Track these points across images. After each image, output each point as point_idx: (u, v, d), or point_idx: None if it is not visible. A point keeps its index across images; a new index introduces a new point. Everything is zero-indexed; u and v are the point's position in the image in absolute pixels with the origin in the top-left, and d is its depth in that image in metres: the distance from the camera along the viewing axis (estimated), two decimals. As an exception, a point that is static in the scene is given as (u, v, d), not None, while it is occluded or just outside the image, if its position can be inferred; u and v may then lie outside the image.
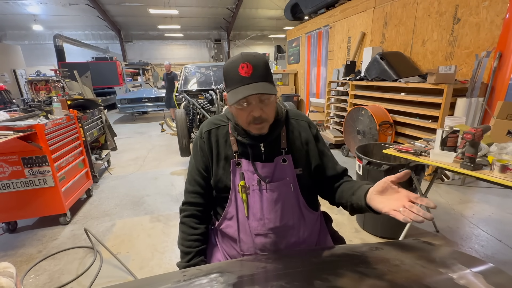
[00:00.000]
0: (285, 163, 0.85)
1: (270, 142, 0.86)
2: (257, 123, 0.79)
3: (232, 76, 0.77)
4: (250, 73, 0.74)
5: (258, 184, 0.84)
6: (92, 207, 2.72)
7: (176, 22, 12.66)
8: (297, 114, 0.95)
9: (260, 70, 0.76)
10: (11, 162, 2.11)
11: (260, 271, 0.61)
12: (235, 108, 0.79)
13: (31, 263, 1.90)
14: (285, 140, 0.87)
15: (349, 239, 2.06)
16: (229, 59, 0.79)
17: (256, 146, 0.86)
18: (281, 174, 0.85)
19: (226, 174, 0.86)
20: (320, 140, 0.94)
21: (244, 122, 0.81)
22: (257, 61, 0.76)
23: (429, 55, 3.36)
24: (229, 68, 0.78)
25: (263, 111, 0.78)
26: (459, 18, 2.94)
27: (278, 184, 0.84)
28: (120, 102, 7.58)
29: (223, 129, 0.90)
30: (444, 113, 2.68)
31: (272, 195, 0.83)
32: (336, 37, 5.15)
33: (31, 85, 2.94)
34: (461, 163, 1.35)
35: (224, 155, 0.88)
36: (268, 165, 0.85)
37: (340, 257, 0.74)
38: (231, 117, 0.88)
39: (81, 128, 2.86)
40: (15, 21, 11.56)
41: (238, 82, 0.75)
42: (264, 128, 0.82)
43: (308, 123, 0.94)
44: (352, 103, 4.04)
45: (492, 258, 1.79)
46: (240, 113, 0.80)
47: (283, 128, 0.88)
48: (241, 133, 0.85)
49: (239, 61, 0.75)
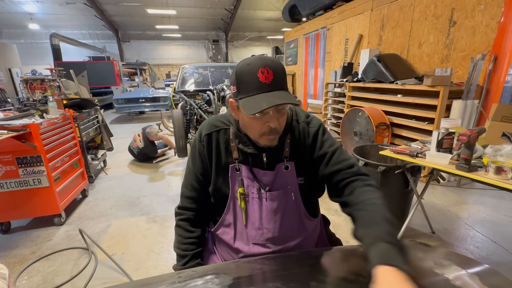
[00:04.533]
0: (287, 170, 0.80)
1: (273, 150, 0.80)
2: (271, 135, 0.74)
3: (249, 81, 0.68)
4: (270, 79, 0.67)
5: (258, 192, 0.80)
6: (87, 207, 2.69)
7: (174, 22, 12.64)
8: (297, 115, 0.86)
9: (280, 77, 0.69)
10: (5, 162, 2.08)
11: (256, 273, 0.61)
12: (248, 117, 0.72)
13: (25, 264, 1.87)
14: (289, 148, 0.81)
15: (346, 241, 2.06)
16: (244, 61, 0.71)
17: (258, 156, 0.81)
18: (283, 182, 0.81)
19: (225, 183, 0.83)
20: (325, 140, 0.83)
21: (256, 133, 0.74)
22: (276, 66, 0.69)
23: (425, 57, 3.38)
24: (245, 72, 0.69)
25: (279, 122, 0.72)
26: (455, 21, 2.97)
27: (279, 193, 0.80)
28: (117, 102, 7.53)
29: (224, 133, 0.84)
30: (440, 115, 2.70)
31: (272, 204, 0.80)
32: (334, 39, 5.17)
33: (26, 84, 2.91)
34: (457, 165, 1.36)
35: (224, 163, 0.83)
36: (269, 173, 0.80)
37: (336, 258, 0.74)
38: (233, 121, 0.82)
39: (77, 128, 2.84)
40: (11, 19, 11.47)
41: (257, 88, 0.67)
42: (275, 140, 0.76)
43: (307, 123, 0.85)
44: (349, 105, 4.06)
45: (487, 259, 1.81)
46: (254, 123, 0.72)
47: (288, 135, 0.82)
48: (242, 141, 0.80)
49: (258, 65, 0.67)
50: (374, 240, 0.57)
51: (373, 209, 0.67)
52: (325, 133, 0.85)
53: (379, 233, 0.59)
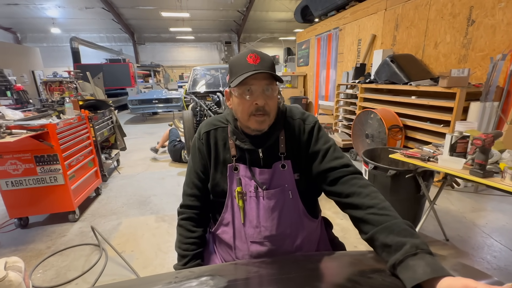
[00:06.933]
0: (284, 169, 0.82)
1: (269, 147, 0.83)
2: (259, 115, 0.77)
3: (238, 64, 0.77)
4: (257, 62, 0.75)
5: (255, 191, 0.81)
6: (100, 205, 2.78)
7: (188, 24, 12.87)
8: (292, 112, 0.88)
9: (267, 62, 0.77)
10: (24, 160, 2.18)
11: (252, 276, 0.61)
12: (236, 99, 0.78)
13: (40, 258, 1.95)
14: (284, 145, 0.84)
15: (354, 245, 2.02)
16: (237, 54, 0.81)
17: (254, 152, 0.83)
18: (280, 180, 0.82)
19: (224, 179, 0.85)
20: (320, 137, 0.84)
21: (245, 113, 0.78)
22: (264, 55, 0.78)
23: (441, 57, 3.27)
24: (236, 58, 0.79)
25: (266, 102, 0.76)
26: (474, 20, 2.85)
27: (276, 191, 0.81)
28: (131, 103, 7.74)
29: (222, 131, 0.88)
30: (457, 118, 2.60)
31: (269, 202, 0.81)
32: (346, 39, 5.09)
33: (45, 86, 3.05)
34: (471, 170, 1.30)
35: (222, 159, 0.86)
36: (266, 171, 0.82)
37: (336, 263, 0.72)
38: (231, 119, 0.86)
39: (91, 128, 2.94)
40: (35, 24, 12.07)
41: (245, 68, 0.74)
42: (265, 123, 0.79)
43: (303, 120, 0.86)
44: (361, 106, 3.97)
45: (505, 270, 1.71)
46: (242, 103, 0.77)
47: (281, 132, 0.85)
48: (239, 137, 0.83)
49: (247, 52, 0.77)
50: (415, 250, 0.55)
51: (391, 214, 0.66)
52: (320, 130, 0.86)
53: (417, 243, 0.57)
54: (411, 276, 0.52)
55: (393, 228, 0.62)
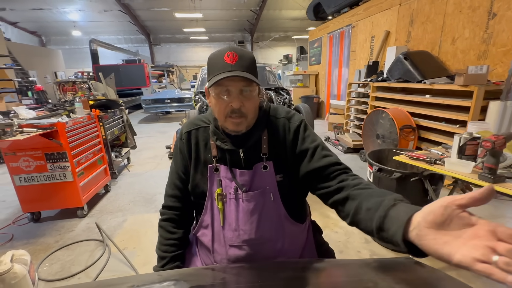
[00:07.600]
0: (266, 170, 0.78)
1: (250, 147, 0.80)
2: (235, 117, 0.73)
3: (215, 63, 0.73)
4: (235, 61, 0.71)
5: (235, 193, 0.78)
6: (108, 202, 2.86)
7: (201, 25, 13.03)
8: (276, 110, 0.85)
9: (246, 61, 0.72)
10: (36, 157, 2.28)
11: (216, 283, 0.58)
12: (213, 99, 0.75)
13: (48, 252, 2.03)
14: (266, 145, 0.80)
15: (357, 250, 1.94)
16: (215, 51, 0.76)
17: (235, 152, 0.80)
18: (260, 182, 0.79)
19: (204, 180, 0.82)
20: (306, 136, 0.81)
21: (221, 114, 0.75)
22: (244, 53, 0.73)
23: (459, 54, 3.08)
24: (213, 57, 0.75)
25: (243, 104, 0.73)
26: (495, 13, 2.66)
27: (255, 193, 0.78)
28: (145, 102, 7.93)
29: (203, 131, 0.85)
30: (474, 118, 2.44)
31: (248, 205, 0.78)
32: (359, 36, 4.94)
33: (59, 86, 3.17)
34: (480, 174, 1.20)
35: (203, 159, 0.83)
36: (246, 173, 0.79)
37: (315, 272, 0.68)
38: (211, 119, 0.83)
39: (101, 127, 3.03)
40: (58, 27, 12.70)
41: (221, 68, 0.71)
42: (242, 125, 0.75)
43: (288, 118, 0.83)
44: (373, 106, 3.84)
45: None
46: (219, 104, 0.74)
47: (264, 132, 0.81)
48: (220, 138, 0.80)
49: (226, 50, 0.73)
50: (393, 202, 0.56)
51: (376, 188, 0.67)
52: (307, 129, 0.82)
53: (395, 196, 0.58)
54: (397, 224, 0.50)
55: (374, 193, 0.63)
